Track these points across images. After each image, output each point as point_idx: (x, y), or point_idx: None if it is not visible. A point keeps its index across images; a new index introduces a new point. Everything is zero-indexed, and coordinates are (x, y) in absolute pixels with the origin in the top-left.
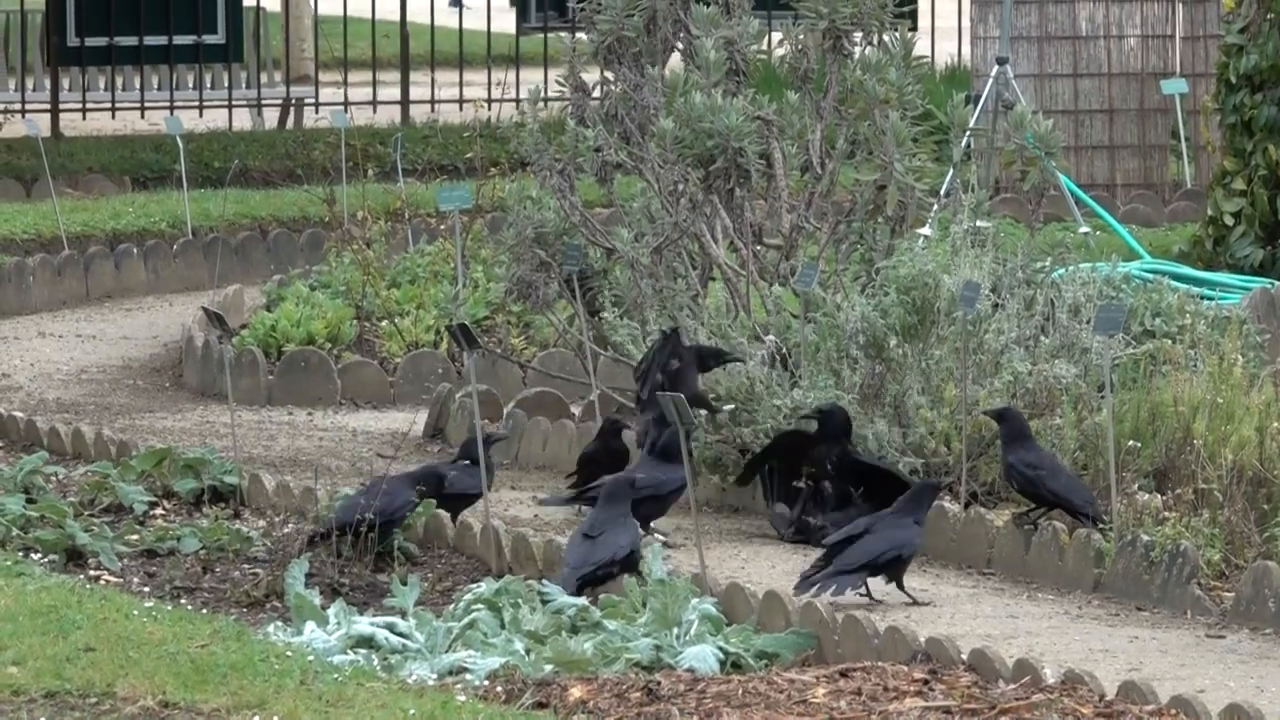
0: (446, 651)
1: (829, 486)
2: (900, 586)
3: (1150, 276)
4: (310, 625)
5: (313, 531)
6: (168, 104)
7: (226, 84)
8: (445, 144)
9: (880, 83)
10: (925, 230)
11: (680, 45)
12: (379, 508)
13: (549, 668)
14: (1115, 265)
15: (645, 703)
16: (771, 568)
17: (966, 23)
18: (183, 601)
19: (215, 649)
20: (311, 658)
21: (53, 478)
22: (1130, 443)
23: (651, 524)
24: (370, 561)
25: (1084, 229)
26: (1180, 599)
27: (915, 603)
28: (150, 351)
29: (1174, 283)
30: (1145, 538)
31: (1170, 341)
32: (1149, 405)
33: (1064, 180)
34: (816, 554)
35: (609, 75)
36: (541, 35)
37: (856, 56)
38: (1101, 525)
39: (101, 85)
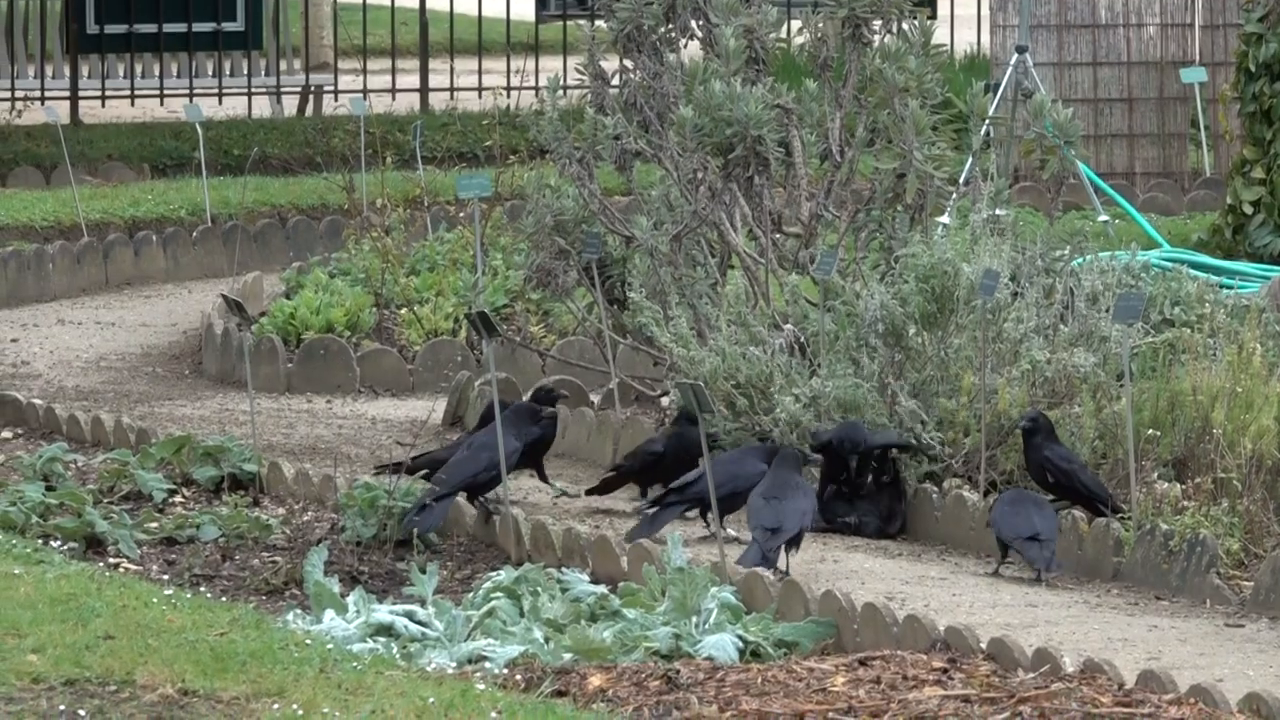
0: (466, 640)
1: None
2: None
3: (1169, 265)
4: (329, 613)
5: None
6: (187, 91)
7: (246, 71)
8: (464, 132)
9: (900, 71)
10: (944, 218)
11: (699, 33)
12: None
13: (568, 656)
14: (1134, 254)
15: (664, 691)
16: (791, 556)
17: (986, 11)
18: (202, 589)
19: (234, 637)
20: (331, 646)
21: (72, 465)
22: (1149, 432)
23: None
24: (389, 549)
25: (1103, 217)
26: (1199, 588)
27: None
28: (169, 339)
29: (1193, 271)
30: (1164, 527)
31: (1189, 330)
32: (1168, 394)
33: (1083, 169)
34: (839, 541)
35: (628, 63)
36: (561, 23)
37: (876, 45)
38: (1120, 516)
39: (121, 72)
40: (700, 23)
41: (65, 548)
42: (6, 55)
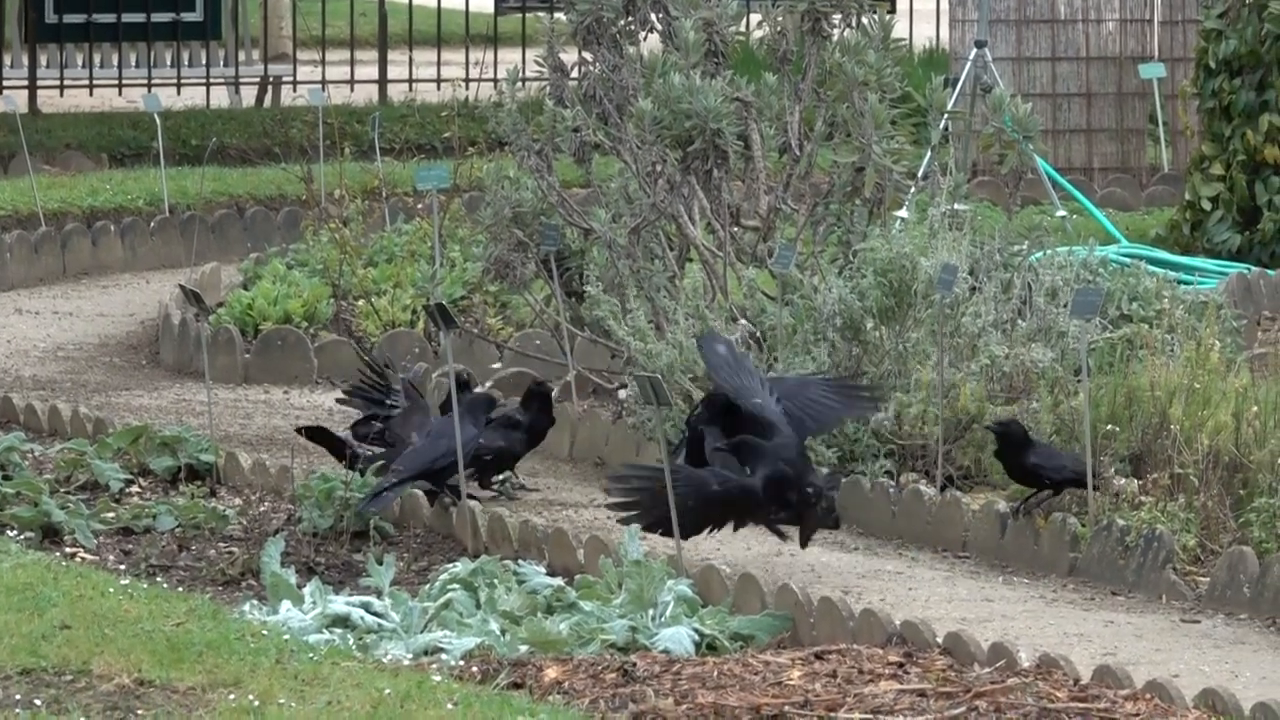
0: (422, 631)
1: None
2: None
3: (1127, 261)
4: (286, 604)
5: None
6: (145, 81)
7: (204, 62)
8: (423, 123)
9: (859, 65)
10: (902, 212)
11: (659, 26)
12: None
13: (524, 648)
14: (1092, 249)
15: (621, 684)
16: (747, 549)
17: (945, 6)
18: (158, 579)
19: (191, 627)
20: (287, 637)
21: (29, 455)
22: (1107, 427)
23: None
24: (346, 540)
25: (1061, 212)
26: (1155, 584)
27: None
28: (127, 329)
29: (1151, 267)
30: (1121, 522)
31: (1147, 326)
32: (1125, 390)
33: (1041, 164)
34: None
35: (587, 55)
36: (520, 15)
37: (835, 39)
38: (1077, 511)
39: (79, 62)
40: (660, 15)
41: (21, 537)
42: None
